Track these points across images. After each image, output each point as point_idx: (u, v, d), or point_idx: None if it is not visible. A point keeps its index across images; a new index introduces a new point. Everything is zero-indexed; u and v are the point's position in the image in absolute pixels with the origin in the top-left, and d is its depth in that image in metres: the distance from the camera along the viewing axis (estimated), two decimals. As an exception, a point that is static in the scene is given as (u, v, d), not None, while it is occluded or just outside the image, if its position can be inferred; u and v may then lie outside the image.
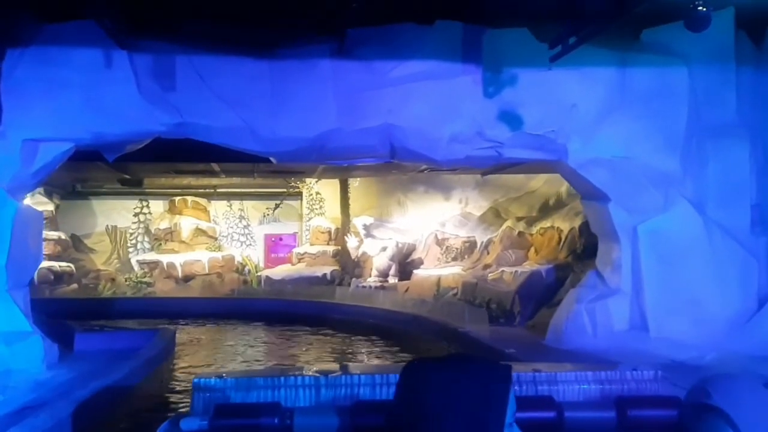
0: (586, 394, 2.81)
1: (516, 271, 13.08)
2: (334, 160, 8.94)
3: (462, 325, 10.54)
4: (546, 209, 15.89)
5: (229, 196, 21.28)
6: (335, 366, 4.31)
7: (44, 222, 19.64)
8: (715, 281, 8.56)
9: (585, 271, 12.17)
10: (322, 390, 2.71)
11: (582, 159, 8.75)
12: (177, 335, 14.33)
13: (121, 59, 7.63)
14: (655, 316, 8.72)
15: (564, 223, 13.47)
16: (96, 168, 10.93)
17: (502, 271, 13.73)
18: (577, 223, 12.99)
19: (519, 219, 15.73)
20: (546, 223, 14.46)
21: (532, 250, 14.79)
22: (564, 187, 15.55)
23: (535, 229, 14.94)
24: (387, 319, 13.02)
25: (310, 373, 2.85)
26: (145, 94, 7.71)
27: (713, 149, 8.77)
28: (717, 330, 8.39)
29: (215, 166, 11.10)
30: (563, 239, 13.20)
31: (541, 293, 12.26)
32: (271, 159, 8.93)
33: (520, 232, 15.24)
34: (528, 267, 13.21)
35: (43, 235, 19.38)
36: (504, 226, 15.75)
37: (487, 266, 15.14)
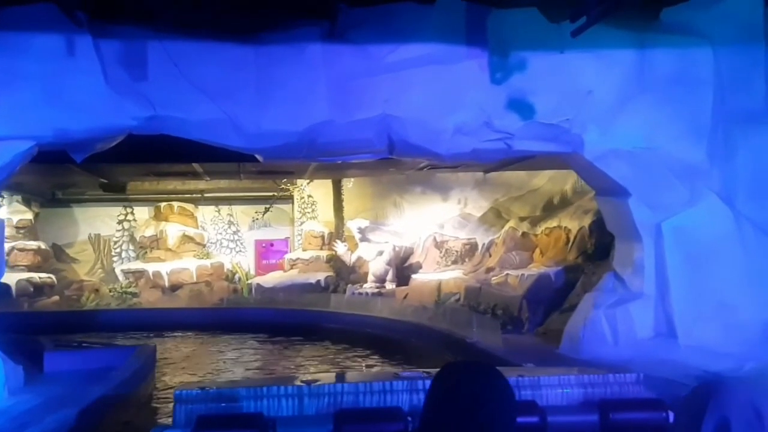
0: (569, 398, 2.79)
1: (522, 275, 12.28)
2: (327, 156, 8.13)
3: (469, 334, 9.71)
4: (550, 208, 15.13)
5: (217, 201, 20.43)
6: (318, 375, 4.21)
7: (22, 231, 18.83)
8: (748, 282, 7.80)
9: (597, 273, 11.41)
10: (305, 399, 2.69)
11: (599, 150, 7.97)
12: (161, 349, 13.51)
13: (86, 46, 6.81)
14: (683, 322, 7.94)
15: (572, 222, 12.69)
16: (72, 172, 10.06)
17: (507, 274, 12.94)
18: (586, 221, 12.21)
19: (522, 219, 14.95)
20: (552, 223, 13.69)
21: (537, 251, 14.01)
22: (569, 184, 14.80)
23: (539, 230, 14.17)
24: (386, 328, 12.17)
25: (293, 383, 2.83)
26: (113, 85, 6.90)
27: (742, 137, 8.00)
28: (752, 336, 7.63)
29: (198, 168, 10.27)
30: (572, 239, 12.42)
31: (551, 297, 11.49)
32: (258, 157, 8.09)
33: (524, 233, 14.46)
34: (535, 270, 12.42)
35: (22, 245, 18.63)
36: (506, 227, 14.97)
37: (489, 269, 14.35)
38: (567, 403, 2.81)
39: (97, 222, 20.14)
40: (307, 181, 17.96)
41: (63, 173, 10.63)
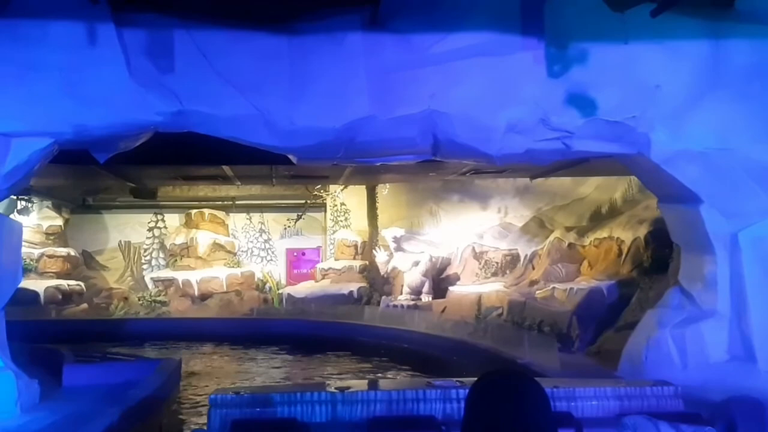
0: (605, 410, 2.80)
1: (571, 289, 11.46)
2: (365, 157, 7.48)
3: (520, 353, 8.91)
4: (598, 218, 14.27)
5: (248, 209, 19.98)
6: (351, 382, 3.93)
7: (52, 238, 18.59)
8: (838, 300, 6.90)
9: (655, 288, 10.55)
10: (338, 406, 2.63)
11: (667, 152, 7.16)
12: (188, 362, 12.98)
13: (108, 35, 6.29)
14: (762, 344, 7.06)
15: (625, 233, 11.82)
16: (99, 176, 9.60)
17: (554, 288, 12.13)
18: (641, 232, 11.34)
19: (568, 229, 14.10)
20: (601, 234, 12.83)
21: (585, 263, 13.16)
22: (619, 192, 13.94)
23: (587, 241, 13.32)
24: (425, 344, 11.42)
25: (326, 389, 2.81)
26: (136, 78, 6.36)
27: (829, 137, 7.12)
28: (843, 362, 6.73)
29: (228, 171, 9.73)
30: (626, 251, 11.56)
31: (603, 314, 10.64)
32: (291, 158, 7.48)
33: (570, 244, 13.62)
34: (584, 283, 11.57)
35: (52, 252, 18.38)
36: (551, 238, 14.14)
37: (533, 282, 13.54)
38: (603, 415, 2.75)
39: (128, 229, 19.86)
40: (341, 187, 17.36)
41: (90, 177, 10.19)
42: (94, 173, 9.32)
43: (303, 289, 17.90)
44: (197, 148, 8.30)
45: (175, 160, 8.64)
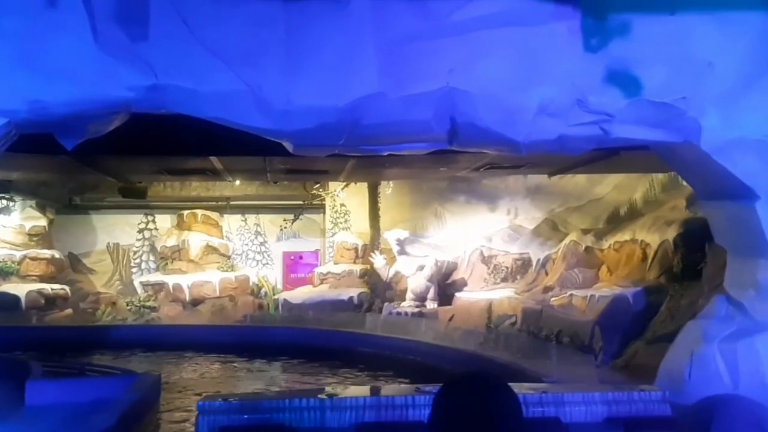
0: (593, 415, 2.81)
1: (592, 296, 10.51)
2: (371, 144, 6.52)
3: (545, 370, 7.93)
4: (616, 220, 13.33)
5: (243, 210, 19.02)
6: (340, 389, 4.12)
7: (36, 239, 17.57)
8: None
9: (686, 295, 9.61)
10: (327, 412, 2.63)
11: (720, 140, 6.21)
12: (173, 373, 12.02)
13: (72, -4, 5.33)
14: (830, 361, 6.11)
15: (651, 236, 10.88)
16: (72, 168, 8.63)
17: (571, 294, 11.17)
18: (669, 234, 10.40)
19: (585, 232, 13.15)
20: (622, 236, 11.89)
21: (604, 268, 12.22)
22: (639, 193, 13.01)
23: (606, 244, 12.37)
24: (433, 356, 10.43)
25: (315, 396, 2.80)
26: (104, 46, 5.40)
27: None
28: None
29: (217, 163, 8.78)
30: (652, 255, 10.60)
31: (629, 324, 9.70)
32: (286, 146, 6.50)
33: (587, 248, 12.68)
34: (607, 290, 10.62)
35: (35, 254, 17.37)
36: (567, 241, 13.19)
37: (547, 289, 12.59)
38: (591, 420, 2.81)
39: (116, 230, 18.89)
40: (341, 186, 16.38)
41: (63, 169, 9.22)
42: (66, 165, 8.38)
43: (300, 294, 16.94)
44: (181, 137, 7.37)
45: (157, 149, 7.69)
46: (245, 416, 2.71)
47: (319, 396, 2.87)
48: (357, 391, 3.84)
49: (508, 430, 1.50)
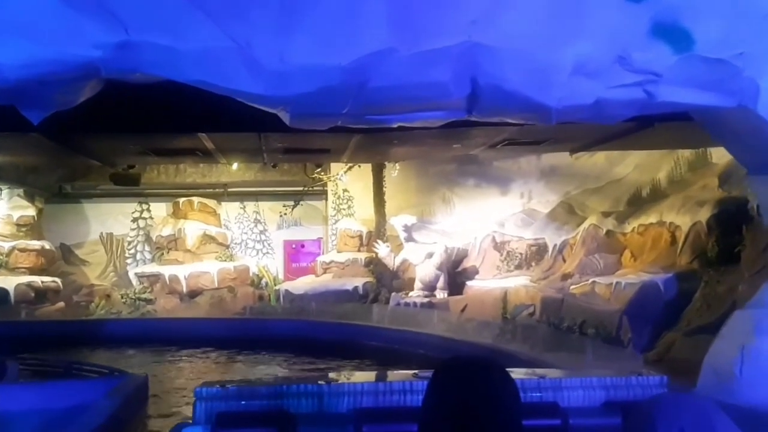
0: (591, 400, 2.73)
1: (617, 283, 9.72)
2: (379, 114, 5.68)
3: (575, 365, 7.14)
4: (638, 202, 12.51)
5: (242, 197, 18.21)
6: (338, 374, 4.12)
7: (24, 229, 16.77)
8: None
9: (723, 282, 8.80)
10: (325, 398, 2.64)
11: (781, 103, 5.39)
12: (167, 371, 11.32)
13: (26, -62, 4.51)
14: None
15: (680, 217, 10.06)
16: (45, 148, 7.81)
17: (594, 282, 10.38)
18: (702, 216, 9.58)
19: (606, 215, 12.34)
20: (647, 218, 11.08)
21: (627, 253, 11.41)
22: (663, 172, 12.18)
23: (629, 227, 11.56)
24: (446, 350, 9.60)
25: (313, 382, 2.78)
26: (66, -3, 4.58)
27: None
28: None
29: (208, 143, 7.97)
30: (683, 238, 9.79)
31: (661, 313, 8.92)
32: (282, 117, 5.66)
33: (608, 231, 11.87)
34: (633, 277, 9.82)
35: (24, 245, 16.59)
36: (586, 225, 12.39)
37: (566, 276, 11.81)
38: (589, 404, 2.72)
39: (110, 219, 18.10)
40: (344, 169, 15.53)
41: (36, 149, 8.39)
42: (39, 144, 7.56)
43: (302, 284, 16.17)
44: (166, 111, 6.57)
45: (139, 126, 6.89)
46: (242, 402, 2.66)
47: (318, 382, 2.84)
48: (355, 377, 3.69)
49: (504, 415, 1.46)
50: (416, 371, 3.08)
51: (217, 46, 4.76)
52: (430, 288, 13.53)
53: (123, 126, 6.91)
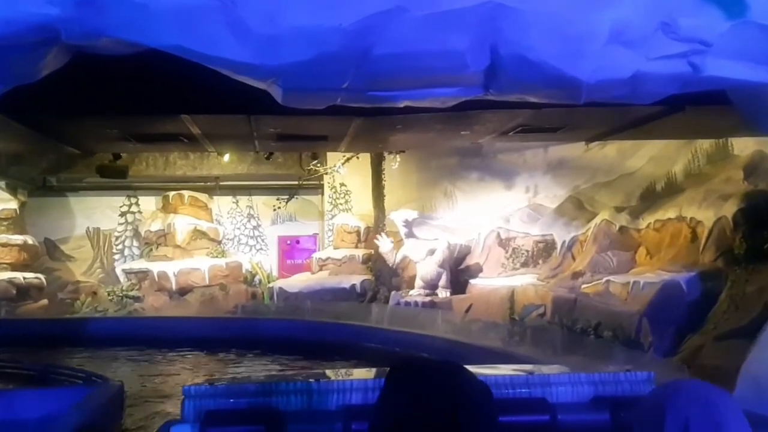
0: (579, 396, 2.75)
1: (635, 282, 9.09)
2: (385, 90, 4.95)
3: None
4: (651, 197, 11.85)
5: (234, 190, 17.52)
6: (326, 371, 3.55)
7: (6, 223, 16.01)
8: None
9: (751, 281, 8.15)
10: (314, 395, 2.64)
11: None
12: (150, 374, 10.65)
13: None
14: None
15: (702, 212, 9.41)
16: (13, 131, 7.11)
17: (608, 281, 9.74)
18: (727, 210, 8.94)
19: (618, 210, 11.68)
20: (664, 213, 10.43)
21: (641, 251, 10.77)
22: (679, 165, 11.52)
23: (643, 223, 10.91)
24: (452, 354, 8.88)
25: (301, 379, 2.80)
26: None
27: None
28: None
29: (193, 127, 7.27)
30: (706, 235, 9.14)
31: (684, 315, 8.28)
32: (273, 92, 4.95)
33: (621, 227, 11.21)
34: (651, 275, 9.17)
35: (5, 240, 15.84)
36: (598, 220, 11.73)
37: (577, 274, 11.14)
38: (577, 400, 2.72)
39: (97, 214, 17.39)
40: (342, 160, 14.82)
41: (11, 137, 7.67)
42: (5, 128, 6.84)
43: (297, 282, 15.49)
44: (144, 89, 5.85)
45: (114, 107, 6.18)
46: (231, 400, 2.64)
47: (307, 379, 2.84)
48: (344, 374, 3.72)
49: (468, 418, 1.36)
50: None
51: (196, 5, 4.04)
52: (431, 286, 12.87)
53: (95, 106, 6.19)
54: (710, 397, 1.45)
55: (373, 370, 3.82)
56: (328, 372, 3.29)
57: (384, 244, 13.53)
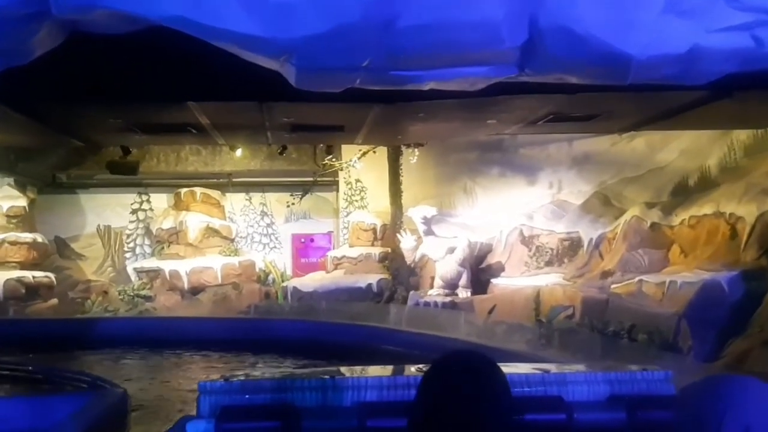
0: (596, 394, 2.72)
1: (672, 282, 8.54)
2: (409, 68, 4.48)
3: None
4: (683, 192, 11.27)
5: (247, 187, 17.10)
6: (342, 369, 3.36)
7: (15, 221, 15.71)
8: None
9: (800, 281, 7.57)
10: (329, 392, 2.64)
11: None
12: (159, 376, 10.26)
13: None
14: None
15: (743, 207, 8.84)
16: (11, 120, 6.71)
17: (641, 281, 9.19)
18: (771, 205, 8.34)
19: (650, 206, 11.11)
20: (700, 209, 9.85)
21: (675, 249, 10.19)
22: (713, 159, 10.92)
23: (677, 219, 10.33)
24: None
25: (317, 376, 2.80)
26: None
27: None
28: None
29: (201, 116, 6.82)
30: (748, 231, 8.57)
31: (726, 317, 7.70)
32: (287, 73, 4.46)
33: (653, 224, 10.65)
34: (690, 275, 8.61)
35: (14, 238, 15.53)
36: (628, 217, 11.17)
37: (606, 273, 10.60)
38: (594, 399, 2.68)
39: (107, 211, 17.03)
40: (358, 155, 14.32)
41: (7, 126, 7.27)
42: (2, 117, 6.44)
43: (311, 281, 15.04)
44: (147, 74, 5.43)
45: (115, 93, 5.75)
46: (246, 396, 2.57)
47: (322, 376, 2.75)
48: (359, 371, 3.48)
49: (495, 411, 1.46)
50: (421, 365, 2.96)
51: (198, -30, 3.61)
52: (451, 286, 12.36)
53: (95, 92, 5.76)
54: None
55: (389, 367, 3.61)
56: (343, 369, 3.37)
57: (406, 240, 13.04)
